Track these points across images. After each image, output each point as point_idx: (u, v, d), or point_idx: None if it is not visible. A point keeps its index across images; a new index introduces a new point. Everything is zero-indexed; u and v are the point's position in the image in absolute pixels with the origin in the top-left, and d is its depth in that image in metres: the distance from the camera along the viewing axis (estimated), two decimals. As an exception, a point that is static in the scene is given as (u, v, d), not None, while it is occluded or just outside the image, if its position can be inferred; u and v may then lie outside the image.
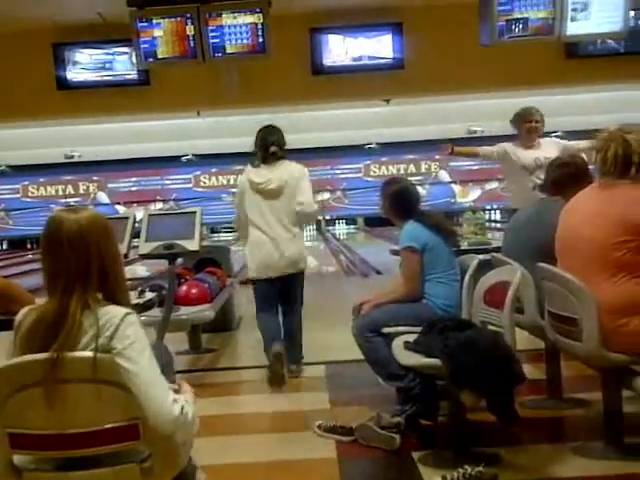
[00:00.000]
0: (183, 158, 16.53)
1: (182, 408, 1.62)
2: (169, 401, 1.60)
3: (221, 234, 17.64)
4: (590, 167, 3.24)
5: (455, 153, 5.14)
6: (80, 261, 1.62)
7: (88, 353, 1.56)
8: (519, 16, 5.23)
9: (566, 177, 3.22)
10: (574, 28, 5.27)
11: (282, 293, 4.02)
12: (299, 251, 3.97)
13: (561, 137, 5.17)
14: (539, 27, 5.25)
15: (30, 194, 17.51)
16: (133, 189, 17.63)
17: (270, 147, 3.92)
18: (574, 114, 11.61)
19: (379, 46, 6.02)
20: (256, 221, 3.92)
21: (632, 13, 5.50)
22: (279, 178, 3.88)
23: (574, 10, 5.22)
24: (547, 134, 4.89)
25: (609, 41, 5.96)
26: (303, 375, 4.06)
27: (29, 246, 16.02)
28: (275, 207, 3.88)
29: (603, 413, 2.65)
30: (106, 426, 1.56)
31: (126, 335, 1.59)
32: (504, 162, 4.87)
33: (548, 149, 4.62)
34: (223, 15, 5.44)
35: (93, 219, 1.68)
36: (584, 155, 3.81)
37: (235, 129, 12.66)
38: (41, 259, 1.67)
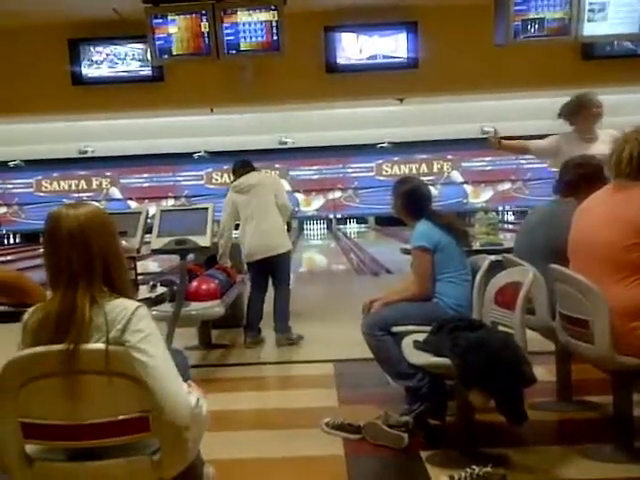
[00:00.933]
0: (195, 155, 16.59)
1: (197, 400, 1.63)
2: (185, 392, 1.62)
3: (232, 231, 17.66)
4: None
5: (502, 147, 4.75)
6: (82, 256, 1.63)
7: (101, 345, 1.58)
8: (535, 16, 5.18)
9: (580, 178, 3.20)
10: (591, 29, 5.22)
11: (272, 273, 4.84)
12: (279, 236, 4.83)
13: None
14: (555, 27, 5.21)
15: (43, 189, 17.64)
16: (145, 185, 17.70)
17: (246, 168, 4.94)
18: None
19: (394, 45, 6.00)
20: (245, 218, 4.81)
21: (650, 14, 5.44)
22: (252, 179, 4.85)
23: (591, 11, 5.17)
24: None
25: (626, 42, 5.91)
26: (312, 372, 4.07)
27: (42, 240, 16.10)
28: (253, 202, 4.76)
29: (613, 416, 2.63)
30: (118, 418, 1.57)
31: (139, 328, 1.60)
32: (555, 158, 4.36)
33: (608, 144, 4.09)
34: (238, 12, 5.45)
35: (93, 214, 1.69)
36: None
37: (248, 126, 12.72)
38: (43, 255, 1.69)
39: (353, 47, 6.05)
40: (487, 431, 2.75)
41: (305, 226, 17.88)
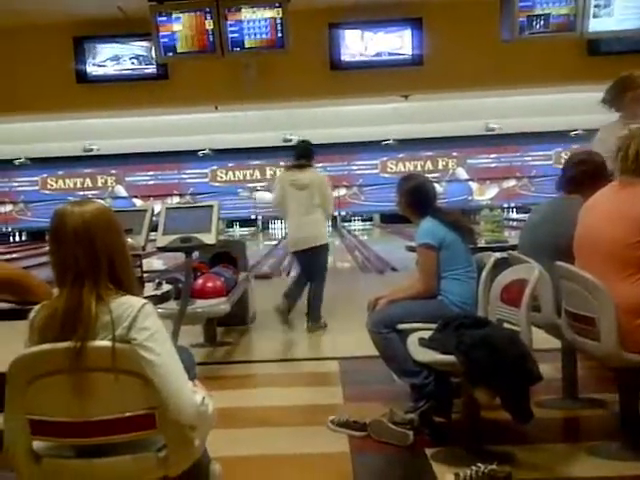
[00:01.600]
0: (200, 152, 16.60)
1: (203, 399, 1.63)
2: (190, 390, 1.62)
3: (237, 229, 17.71)
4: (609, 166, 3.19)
5: None
6: (88, 254, 1.63)
7: (107, 343, 1.58)
8: (540, 12, 5.17)
9: (583, 175, 3.18)
10: (596, 25, 5.20)
11: (308, 264, 5.26)
12: (319, 230, 5.25)
13: (582, 136, 4.91)
14: (561, 23, 5.20)
15: (49, 186, 17.70)
16: (150, 183, 17.74)
17: (299, 160, 5.32)
18: (595, 112, 11.43)
19: (398, 42, 5.99)
20: (290, 207, 5.26)
21: (656, 9, 5.41)
22: (307, 177, 5.23)
23: (596, 6, 5.16)
24: (566, 132, 4.71)
25: (632, 38, 5.88)
26: (317, 370, 4.08)
27: (47, 238, 16.13)
28: (304, 198, 5.18)
29: (619, 413, 2.62)
30: (125, 415, 1.58)
31: (145, 326, 1.61)
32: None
33: None
34: (242, 9, 5.45)
35: (98, 211, 1.69)
36: None
37: (253, 124, 12.72)
38: (49, 253, 1.69)
39: (357, 44, 6.04)
40: (493, 429, 2.74)
41: (310, 223, 17.84)
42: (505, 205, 16.95)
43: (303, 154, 5.35)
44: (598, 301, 2.45)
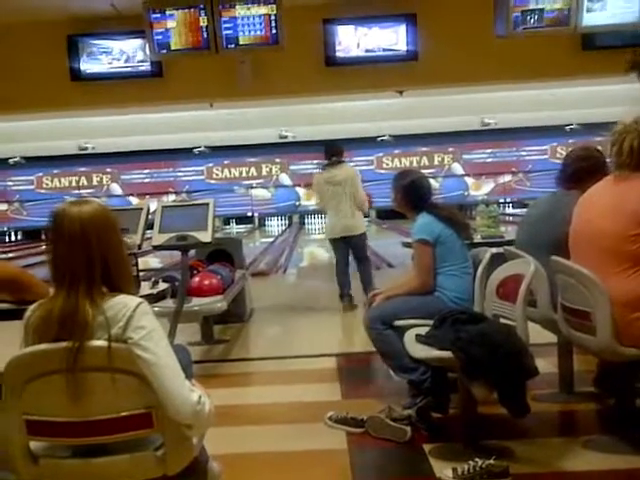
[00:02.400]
0: (196, 150, 16.57)
1: (200, 397, 1.63)
2: (187, 389, 1.62)
3: (233, 226, 17.71)
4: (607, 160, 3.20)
5: None
6: (84, 255, 1.63)
7: (104, 343, 1.58)
8: (534, 7, 5.17)
9: (582, 171, 3.18)
10: (590, 19, 5.20)
11: (353, 251, 5.91)
12: (356, 221, 5.90)
13: (577, 130, 4.92)
14: (555, 18, 5.19)
15: (44, 185, 17.65)
16: (146, 181, 17.70)
17: (331, 158, 5.93)
18: (590, 106, 11.48)
19: (393, 37, 5.98)
20: (329, 203, 5.86)
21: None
22: (341, 174, 5.84)
23: (590, 1, 5.16)
24: (561, 127, 4.70)
25: (626, 32, 5.88)
26: (315, 367, 4.09)
27: (43, 237, 16.17)
28: (339, 193, 5.78)
29: (615, 407, 2.63)
30: (122, 414, 1.58)
31: (141, 325, 1.60)
32: None
33: None
34: (236, 6, 5.43)
35: (96, 212, 1.68)
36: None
37: (248, 121, 12.70)
38: (47, 252, 1.69)
39: (352, 40, 6.03)
40: (490, 424, 2.75)
41: (306, 220, 17.87)
42: (501, 200, 16.98)
43: (333, 152, 5.92)
44: (594, 295, 2.46)
